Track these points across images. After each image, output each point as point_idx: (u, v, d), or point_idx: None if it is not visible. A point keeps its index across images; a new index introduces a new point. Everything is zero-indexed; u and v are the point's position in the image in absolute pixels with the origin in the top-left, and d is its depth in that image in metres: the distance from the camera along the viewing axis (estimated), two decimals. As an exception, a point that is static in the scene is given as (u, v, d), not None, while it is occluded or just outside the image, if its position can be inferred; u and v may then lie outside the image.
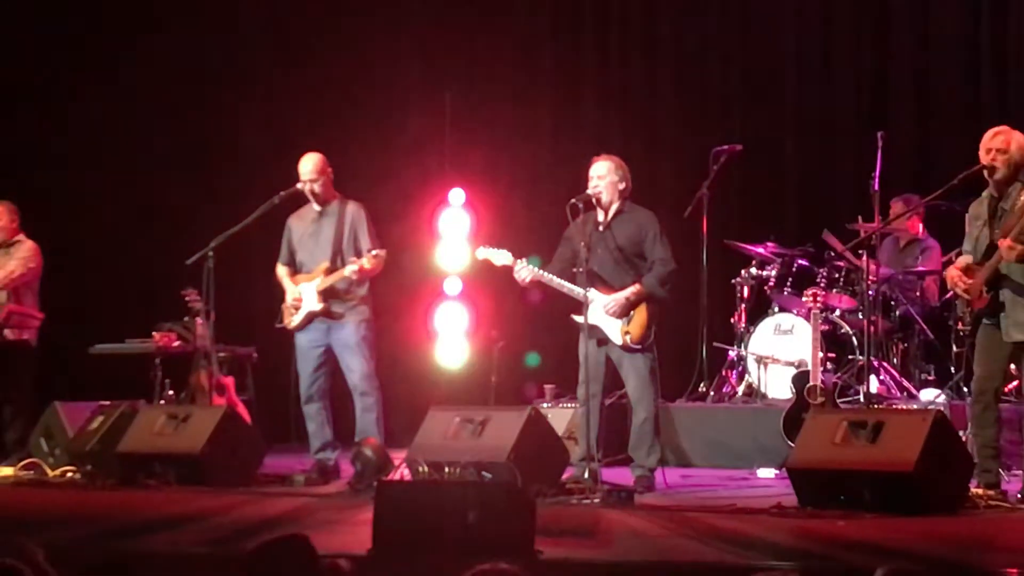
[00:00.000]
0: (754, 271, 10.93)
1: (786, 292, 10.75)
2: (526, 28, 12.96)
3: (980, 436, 7.86)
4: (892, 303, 10.51)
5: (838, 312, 10.51)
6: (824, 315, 10.04)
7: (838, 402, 9.62)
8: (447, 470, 7.91)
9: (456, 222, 12.55)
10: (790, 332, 10.55)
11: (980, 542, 6.69)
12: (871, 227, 9.51)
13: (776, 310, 10.74)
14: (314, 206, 9.47)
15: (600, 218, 8.78)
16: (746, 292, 10.96)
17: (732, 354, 10.95)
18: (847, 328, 10.46)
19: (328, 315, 9.30)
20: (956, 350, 9.83)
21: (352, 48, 12.79)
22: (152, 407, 9.78)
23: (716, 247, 10.96)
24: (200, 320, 10.09)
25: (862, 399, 9.48)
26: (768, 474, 9.42)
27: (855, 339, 10.35)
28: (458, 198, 12.55)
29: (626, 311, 8.59)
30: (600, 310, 8.58)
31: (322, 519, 7.45)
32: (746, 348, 10.70)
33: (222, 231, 9.42)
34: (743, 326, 10.84)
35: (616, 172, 8.75)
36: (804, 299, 9.90)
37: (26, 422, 10.13)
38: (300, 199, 9.52)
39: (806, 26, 12.21)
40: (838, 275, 10.60)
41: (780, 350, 10.55)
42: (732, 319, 10.95)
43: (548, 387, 10.90)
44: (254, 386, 11.00)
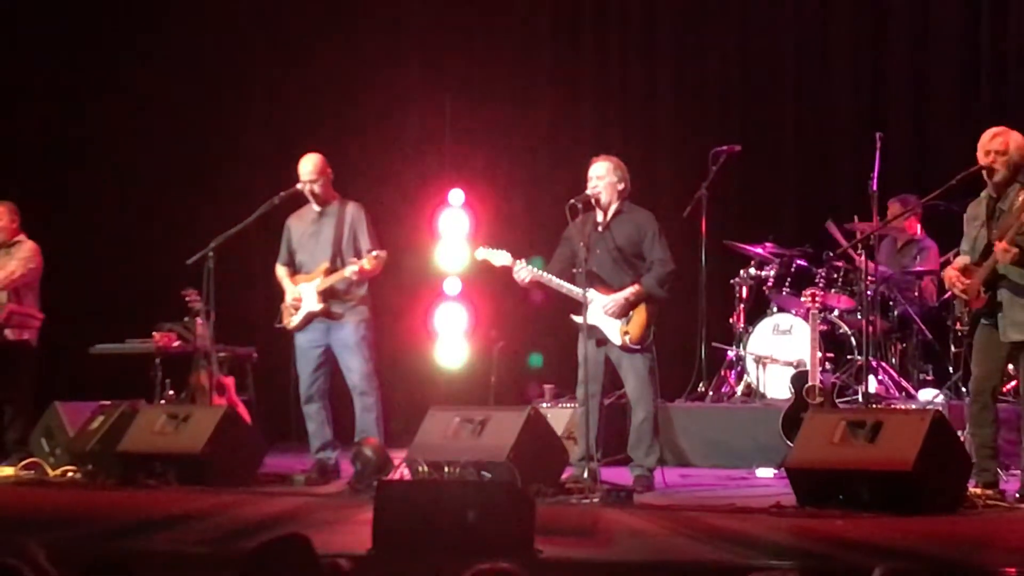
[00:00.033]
0: (753, 271, 10.92)
1: (785, 292, 10.75)
2: (526, 29, 12.95)
3: (978, 436, 7.86)
4: (890, 303, 10.51)
5: (836, 312, 10.51)
6: (823, 315, 10.05)
7: (837, 402, 9.62)
8: (447, 470, 7.93)
9: (456, 222, 12.56)
10: (789, 332, 10.56)
11: (978, 541, 6.69)
12: (869, 227, 9.53)
13: (775, 310, 10.74)
14: (314, 207, 9.46)
15: (599, 219, 8.78)
16: (745, 292, 10.96)
17: (731, 354, 10.95)
18: (845, 328, 10.46)
19: (327, 315, 9.29)
20: (954, 350, 9.84)
21: (352, 48, 12.81)
22: (152, 407, 9.79)
23: (715, 247, 10.95)
24: (200, 320, 10.09)
25: (861, 399, 9.50)
26: (767, 474, 9.42)
27: (853, 339, 10.35)
28: (458, 198, 12.56)
29: (625, 311, 8.60)
30: (599, 310, 8.59)
31: (322, 518, 7.46)
32: (745, 348, 10.70)
33: (222, 231, 9.42)
34: (742, 326, 10.84)
35: (615, 173, 8.75)
36: (803, 299, 9.90)
37: (27, 422, 10.13)
38: (300, 200, 9.51)
39: (805, 27, 12.20)
40: (836, 275, 10.60)
41: (779, 350, 10.55)
42: (731, 319, 10.95)
43: (547, 387, 10.91)
44: (254, 386, 10.99)
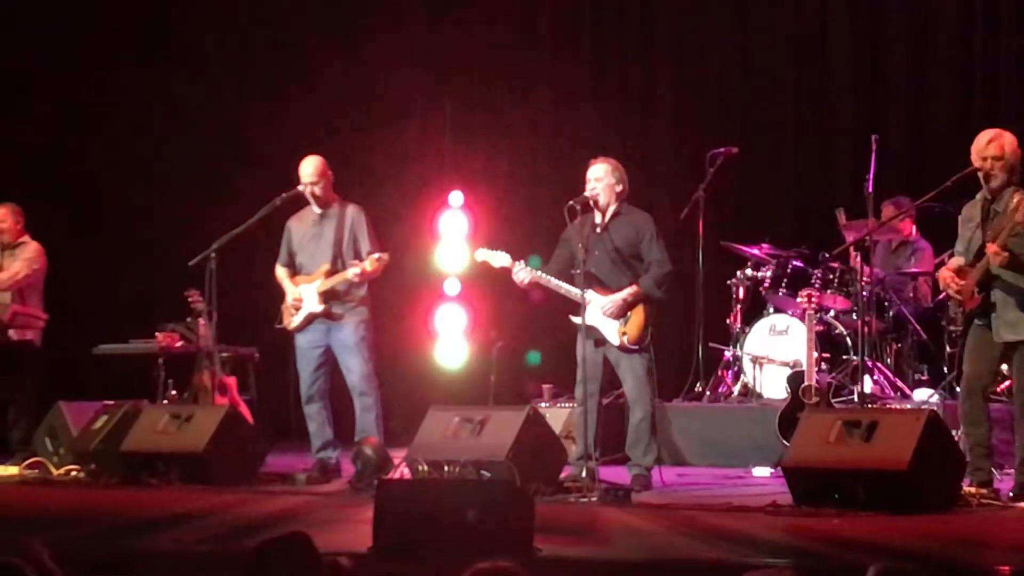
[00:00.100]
0: (749, 272, 10.96)
1: (781, 293, 10.79)
2: (526, 30, 12.99)
3: (972, 435, 7.88)
4: (886, 304, 10.54)
5: (832, 313, 10.56)
6: (819, 316, 10.11)
7: (832, 402, 9.66)
8: (447, 469, 7.95)
9: (455, 224, 12.61)
10: (785, 333, 10.59)
11: (973, 540, 6.68)
12: (862, 228, 9.55)
13: (771, 311, 10.78)
14: (314, 209, 9.49)
15: (597, 220, 8.80)
16: (742, 293, 10.99)
17: (728, 354, 10.99)
18: (841, 329, 10.50)
19: (328, 316, 9.33)
20: (949, 350, 9.87)
21: (352, 49, 12.84)
22: (155, 407, 9.82)
23: (712, 248, 10.97)
24: (203, 321, 10.13)
25: (856, 399, 9.48)
26: (763, 473, 9.46)
27: (849, 339, 10.39)
28: (457, 200, 12.61)
29: (623, 312, 8.63)
30: (598, 311, 8.62)
31: (323, 517, 7.47)
32: (742, 348, 10.74)
33: (224, 232, 9.46)
34: (739, 327, 10.87)
35: (613, 174, 8.77)
36: (799, 300, 9.94)
37: (31, 421, 10.16)
38: (300, 201, 9.54)
39: (802, 30, 12.24)
40: (832, 276, 10.64)
41: (775, 350, 10.59)
42: (728, 320, 10.97)
43: (546, 387, 10.93)
44: (256, 386, 11.00)
